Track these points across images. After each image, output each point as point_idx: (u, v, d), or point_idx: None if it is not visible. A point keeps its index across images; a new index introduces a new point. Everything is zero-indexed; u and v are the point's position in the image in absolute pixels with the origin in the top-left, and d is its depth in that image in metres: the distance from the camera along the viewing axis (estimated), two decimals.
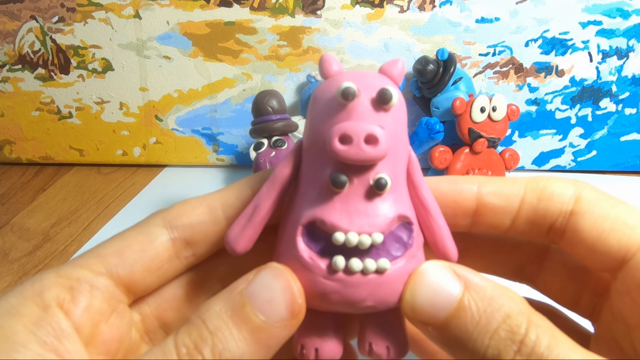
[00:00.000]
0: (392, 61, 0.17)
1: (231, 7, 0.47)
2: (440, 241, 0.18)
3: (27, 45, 0.50)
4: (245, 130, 0.52)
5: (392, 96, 0.16)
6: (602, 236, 0.17)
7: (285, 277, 0.16)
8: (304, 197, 0.17)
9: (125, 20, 0.48)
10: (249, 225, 0.17)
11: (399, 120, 0.17)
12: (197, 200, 0.19)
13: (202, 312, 0.15)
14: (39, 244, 0.42)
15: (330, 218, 0.16)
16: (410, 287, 0.16)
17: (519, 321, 0.14)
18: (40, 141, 0.54)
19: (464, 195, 0.18)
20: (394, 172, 0.17)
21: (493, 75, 0.48)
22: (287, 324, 0.15)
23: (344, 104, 0.16)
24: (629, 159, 0.50)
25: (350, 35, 0.47)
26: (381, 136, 0.15)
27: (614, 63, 0.47)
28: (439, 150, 0.43)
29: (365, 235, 0.16)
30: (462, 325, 0.15)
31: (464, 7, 0.45)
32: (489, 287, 0.15)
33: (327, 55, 0.17)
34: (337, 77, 0.17)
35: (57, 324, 0.15)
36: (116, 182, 0.52)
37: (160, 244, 0.18)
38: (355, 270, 0.16)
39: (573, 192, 0.18)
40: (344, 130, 0.15)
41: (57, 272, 0.16)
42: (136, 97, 0.51)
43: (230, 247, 0.17)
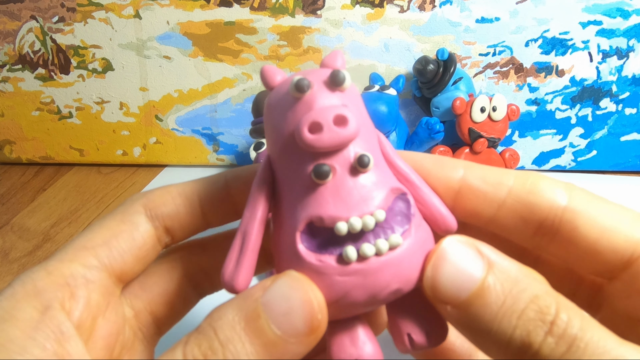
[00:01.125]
0: (332, 54, 0.17)
1: (231, 7, 0.47)
2: (436, 211, 0.17)
3: (27, 45, 0.50)
4: (245, 130, 0.52)
5: (344, 76, 0.15)
6: (604, 234, 0.16)
7: (304, 289, 0.15)
8: (290, 204, 0.16)
9: (125, 20, 0.48)
10: (242, 256, 0.16)
11: (358, 100, 0.16)
12: (175, 189, 0.19)
13: (215, 319, 0.14)
14: (39, 244, 0.42)
15: (327, 212, 0.15)
16: (431, 264, 0.15)
17: (548, 302, 0.13)
18: (40, 141, 0.54)
19: (448, 174, 0.17)
20: (370, 149, 0.16)
21: (493, 75, 0.48)
22: (303, 340, 0.14)
23: (299, 97, 0.15)
24: (629, 159, 0.50)
25: (350, 35, 0.47)
26: (348, 114, 0.15)
27: (614, 63, 0.47)
28: (439, 150, 0.43)
29: (367, 216, 0.15)
30: (486, 306, 0.14)
31: (464, 7, 0.45)
32: (513, 267, 0.14)
33: (268, 67, 0.17)
34: (283, 82, 0.16)
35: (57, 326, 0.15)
36: (116, 182, 0.52)
37: (145, 231, 0.18)
38: (369, 255, 0.15)
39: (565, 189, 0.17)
40: (311, 118, 0.15)
41: (47, 269, 0.16)
42: (136, 97, 0.51)
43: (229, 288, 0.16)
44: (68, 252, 0.17)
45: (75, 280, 0.16)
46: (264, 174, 0.17)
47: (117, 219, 0.18)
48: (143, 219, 0.18)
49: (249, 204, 0.17)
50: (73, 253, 0.16)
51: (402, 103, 0.49)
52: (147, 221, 0.18)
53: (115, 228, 0.17)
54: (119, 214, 0.18)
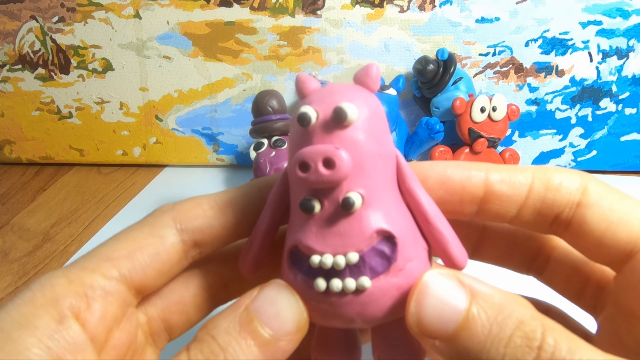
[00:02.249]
0: (365, 68, 0.17)
1: (231, 7, 0.47)
2: (444, 248, 0.17)
3: (27, 45, 0.50)
4: (245, 130, 0.52)
5: (346, 114, 0.15)
6: (610, 228, 0.16)
7: (288, 292, 0.16)
8: (292, 221, 0.17)
9: (125, 20, 0.48)
10: (250, 250, 0.18)
11: (369, 131, 0.16)
12: (207, 201, 0.18)
13: (210, 329, 0.16)
14: (39, 244, 0.42)
15: (307, 241, 0.16)
16: (414, 300, 0.15)
17: (534, 326, 0.14)
18: (40, 141, 0.54)
19: (472, 181, 0.18)
20: (369, 186, 0.16)
21: (493, 75, 0.48)
22: (292, 338, 0.16)
23: (303, 129, 0.16)
24: (629, 159, 0.50)
25: (350, 35, 0.47)
26: (338, 158, 0.15)
27: (614, 63, 0.47)
28: (439, 150, 0.43)
29: (339, 256, 0.16)
30: (473, 336, 0.14)
31: (464, 7, 0.45)
32: (496, 294, 0.15)
33: (302, 75, 0.17)
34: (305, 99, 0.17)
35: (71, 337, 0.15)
36: (116, 182, 0.52)
37: (171, 246, 0.17)
38: (336, 290, 0.16)
39: (580, 183, 0.17)
40: (301, 157, 0.15)
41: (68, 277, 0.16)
42: (136, 97, 0.51)
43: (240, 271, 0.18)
44: (92, 261, 0.16)
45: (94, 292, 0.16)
46: (281, 182, 0.18)
47: (145, 230, 0.18)
48: (172, 232, 0.18)
49: (263, 210, 0.18)
50: (96, 263, 0.16)
51: (402, 103, 0.49)
52: (176, 235, 0.18)
53: (142, 241, 0.17)
54: (147, 226, 0.18)
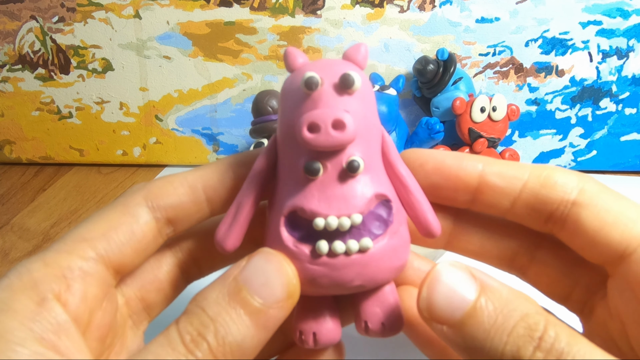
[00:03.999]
0: (355, 46, 0.18)
1: (231, 7, 0.47)
2: (422, 216, 0.18)
3: (27, 45, 0.50)
4: (245, 130, 0.52)
5: (354, 80, 0.16)
6: (604, 228, 0.17)
7: (277, 260, 0.16)
8: (283, 188, 0.17)
9: (125, 20, 0.48)
10: (235, 223, 0.18)
11: (366, 103, 0.17)
12: (177, 179, 0.19)
13: (200, 300, 0.16)
14: (39, 244, 0.42)
15: (310, 205, 0.16)
16: (426, 286, 0.16)
17: (537, 319, 0.14)
18: (40, 141, 0.54)
19: (468, 170, 0.19)
20: (367, 153, 0.17)
21: (493, 75, 0.48)
22: (283, 305, 0.16)
23: (308, 94, 0.16)
24: (629, 159, 0.50)
25: (350, 35, 0.47)
26: (348, 120, 0.16)
27: (614, 63, 0.47)
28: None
29: (344, 217, 0.16)
30: (479, 324, 0.15)
31: (464, 7, 0.45)
32: (504, 289, 0.15)
33: (291, 49, 0.18)
34: (301, 69, 0.17)
35: (54, 318, 0.15)
36: (116, 182, 0.52)
37: (145, 224, 0.18)
38: (339, 252, 0.16)
39: (577, 183, 0.17)
40: (311, 119, 0.16)
41: (44, 260, 0.16)
42: (136, 97, 0.51)
43: (219, 247, 0.18)
44: (66, 243, 0.17)
45: (72, 273, 0.16)
46: (268, 153, 0.18)
47: (118, 210, 0.18)
48: (144, 211, 0.18)
49: (248, 177, 0.18)
50: (71, 245, 0.16)
51: (402, 103, 0.49)
52: (148, 213, 0.18)
53: (115, 220, 0.17)
54: (119, 205, 0.18)
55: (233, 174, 0.19)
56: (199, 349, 0.14)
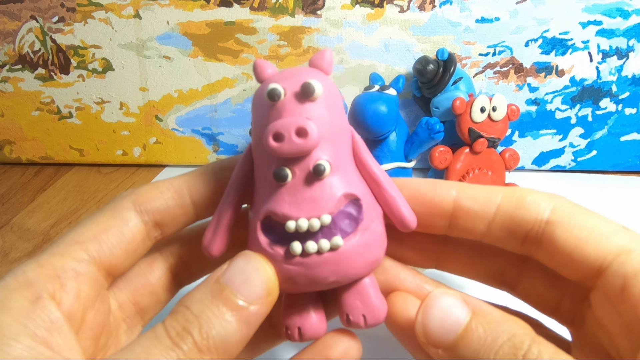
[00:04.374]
0: (319, 52, 0.18)
1: (231, 7, 0.47)
2: (396, 210, 0.19)
3: (27, 45, 0.50)
4: (245, 130, 0.52)
5: (314, 88, 0.17)
6: (579, 245, 0.17)
7: (256, 260, 0.17)
8: (259, 194, 0.18)
9: (125, 20, 0.48)
10: (218, 229, 0.19)
11: (330, 107, 0.18)
12: (164, 184, 0.20)
13: (184, 301, 0.16)
14: (39, 244, 0.42)
15: (281, 209, 0.17)
16: (421, 311, 0.17)
17: (523, 339, 0.15)
18: (40, 141, 0.54)
19: (442, 197, 0.19)
20: (334, 155, 0.18)
21: (493, 75, 0.48)
22: (264, 301, 0.17)
23: (272, 104, 0.17)
24: (629, 159, 0.50)
25: (350, 35, 0.47)
26: (310, 127, 0.16)
27: (614, 63, 0.47)
28: (439, 150, 0.43)
29: (314, 218, 0.17)
30: (469, 345, 0.15)
31: (464, 7, 0.45)
32: (495, 313, 0.16)
33: (260, 60, 0.19)
34: (267, 80, 0.18)
35: (47, 315, 0.15)
36: (116, 182, 0.52)
37: (134, 226, 0.19)
38: (312, 252, 0.17)
39: (548, 203, 0.18)
40: (275, 128, 0.17)
41: (38, 262, 0.16)
42: (136, 97, 0.51)
43: (206, 252, 0.19)
44: (59, 246, 0.17)
45: (65, 273, 0.16)
46: (244, 161, 0.19)
47: (107, 214, 0.19)
48: (132, 215, 0.19)
49: (227, 186, 0.19)
50: (64, 247, 0.17)
51: (402, 103, 0.49)
52: (137, 216, 0.19)
53: (105, 223, 0.18)
54: (109, 210, 0.19)
55: (217, 178, 0.20)
56: (184, 342, 0.15)
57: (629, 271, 0.16)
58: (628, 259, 0.16)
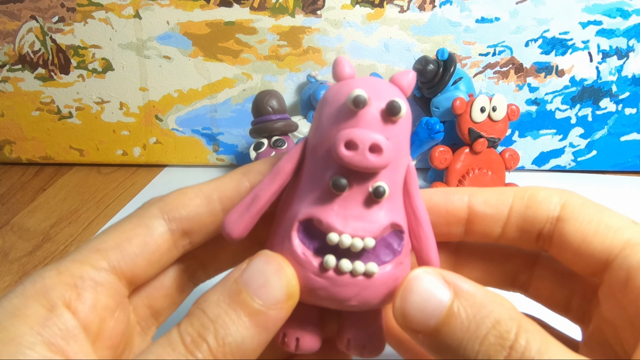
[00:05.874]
0: (404, 72, 0.18)
1: (231, 7, 0.47)
2: (426, 251, 0.18)
3: (27, 45, 0.50)
4: (245, 130, 0.52)
5: (400, 109, 0.16)
6: (586, 239, 0.17)
7: (277, 262, 0.16)
8: (303, 194, 0.17)
9: (125, 20, 0.48)
10: (247, 213, 0.18)
11: (404, 132, 0.17)
12: (193, 190, 0.19)
13: (200, 302, 0.16)
14: (39, 244, 0.42)
15: (327, 218, 0.16)
16: (400, 294, 0.16)
17: (509, 326, 0.14)
18: (40, 141, 0.54)
19: (456, 205, 0.19)
20: (392, 181, 0.17)
21: (493, 75, 0.48)
22: (283, 306, 0.16)
23: (353, 111, 0.16)
24: (629, 159, 0.50)
25: (350, 35, 0.47)
26: (386, 147, 0.16)
27: (614, 63, 0.47)
28: (439, 150, 0.43)
29: (357, 238, 0.16)
30: (452, 332, 0.15)
31: (464, 7, 0.45)
32: (478, 293, 0.15)
33: (342, 58, 0.18)
34: (349, 82, 0.17)
35: (63, 324, 0.15)
36: (116, 182, 0.52)
37: (159, 236, 0.18)
38: (345, 271, 0.16)
39: (559, 199, 0.18)
40: (351, 136, 0.16)
41: (58, 269, 0.16)
42: (136, 97, 0.51)
43: (227, 233, 0.18)
44: (81, 253, 0.17)
45: (83, 282, 0.16)
46: (296, 153, 0.18)
47: (133, 222, 0.18)
48: (159, 223, 0.18)
49: (271, 173, 0.18)
50: (85, 255, 0.17)
51: None
52: (164, 225, 0.18)
53: (130, 232, 0.18)
54: (135, 218, 0.18)
55: (249, 183, 0.19)
56: (199, 349, 0.15)
57: (633, 264, 0.16)
58: (633, 252, 0.16)
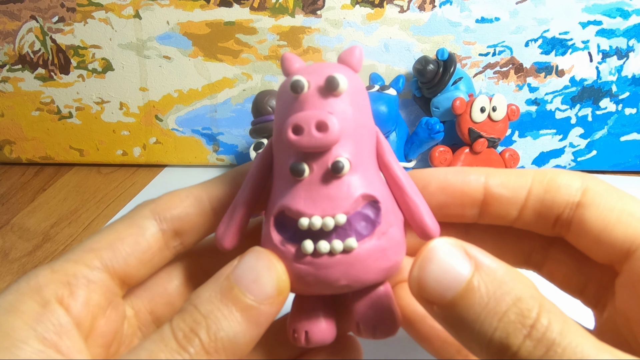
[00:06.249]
0: (349, 49, 0.18)
1: (231, 7, 0.47)
2: (418, 217, 0.18)
3: (27, 45, 0.50)
4: (245, 130, 0.52)
5: (338, 82, 0.16)
6: (607, 227, 0.17)
7: (267, 257, 0.16)
8: (275, 189, 0.18)
9: (125, 20, 0.48)
10: (231, 222, 0.18)
11: (355, 104, 0.17)
12: (184, 192, 0.19)
13: (193, 299, 0.16)
14: (39, 244, 0.42)
15: (296, 205, 0.17)
16: (418, 263, 0.15)
17: (530, 305, 0.14)
18: (40, 141, 0.54)
19: (472, 185, 0.19)
20: (355, 153, 0.17)
21: (493, 75, 0.48)
22: (274, 301, 0.16)
23: (295, 97, 0.17)
24: (629, 159, 0.50)
25: (350, 35, 0.47)
26: (331, 122, 0.16)
27: (614, 63, 0.47)
28: (439, 150, 0.43)
29: (328, 217, 0.16)
30: (469, 306, 0.14)
31: (464, 7, 0.45)
32: (500, 269, 0.15)
33: (288, 54, 0.18)
34: (293, 74, 0.17)
35: (56, 320, 0.15)
36: (116, 182, 0.52)
37: (151, 236, 0.18)
38: (323, 252, 0.16)
39: (580, 184, 0.17)
40: (295, 121, 0.16)
41: (52, 268, 0.16)
42: (136, 97, 0.51)
43: (219, 245, 0.18)
44: (75, 253, 0.17)
45: (77, 280, 0.16)
46: (264, 155, 0.19)
47: (125, 223, 0.18)
48: (151, 223, 0.18)
49: (245, 181, 0.18)
50: (79, 254, 0.17)
51: (402, 103, 0.49)
52: (155, 225, 0.18)
53: (122, 232, 0.18)
54: (127, 219, 0.18)
55: (238, 185, 0.19)
56: (191, 344, 0.15)
57: None
58: None
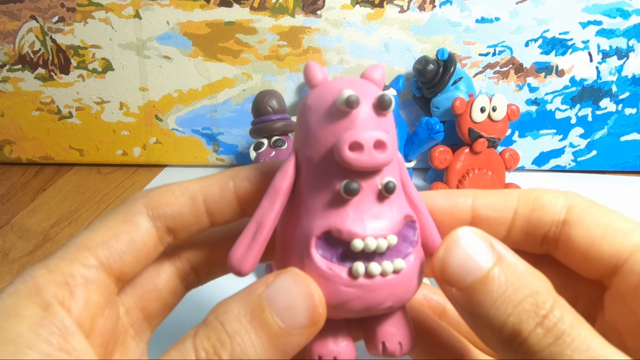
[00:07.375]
0: (373, 67, 0.18)
1: (231, 7, 0.47)
2: (430, 235, 0.18)
3: (27, 45, 0.50)
4: (245, 130, 0.52)
5: (391, 102, 0.16)
6: (594, 244, 0.17)
7: (306, 284, 0.16)
8: (310, 208, 0.17)
9: (125, 20, 0.48)
10: (254, 244, 0.17)
11: (393, 125, 0.17)
12: (179, 188, 0.19)
13: (221, 313, 0.15)
14: (39, 244, 0.42)
15: (346, 226, 0.16)
16: (445, 246, 0.16)
17: (546, 298, 0.14)
18: (40, 141, 0.54)
19: (459, 208, 0.19)
20: (395, 174, 0.17)
21: (493, 75, 0.48)
22: (305, 332, 0.15)
23: (346, 112, 0.16)
24: (629, 159, 0.50)
25: (350, 35, 0.47)
26: (388, 141, 0.16)
27: (614, 63, 0.47)
28: (439, 150, 0.43)
29: (381, 238, 0.16)
30: (487, 292, 0.15)
31: (464, 7, 0.45)
32: (520, 265, 0.15)
33: (312, 63, 0.17)
34: (331, 85, 0.17)
35: (60, 322, 0.15)
36: (116, 182, 0.52)
37: (145, 233, 0.18)
38: (375, 274, 0.16)
39: (564, 202, 0.18)
40: (354, 138, 0.15)
41: (48, 267, 0.16)
42: (136, 97, 0.51)
43: (236, 271, 0.17)
44: (69, 250, 0.17)
45: (75, 280, 0.16)
46: (290, 168, 0.17)
47: (119, 218, 0.18)
48: (144, 220, 0.18)
49: (269, 195, 0.17)
50: (74, 252, 0.17)
51: (402, 103, 0.49)
52: (149, 221, 0.18)
53: (116, 228, 0.18)
54: (120, 214, 0.18)
55: (234, 187, 0.19)
56: None
57: None
58: None
